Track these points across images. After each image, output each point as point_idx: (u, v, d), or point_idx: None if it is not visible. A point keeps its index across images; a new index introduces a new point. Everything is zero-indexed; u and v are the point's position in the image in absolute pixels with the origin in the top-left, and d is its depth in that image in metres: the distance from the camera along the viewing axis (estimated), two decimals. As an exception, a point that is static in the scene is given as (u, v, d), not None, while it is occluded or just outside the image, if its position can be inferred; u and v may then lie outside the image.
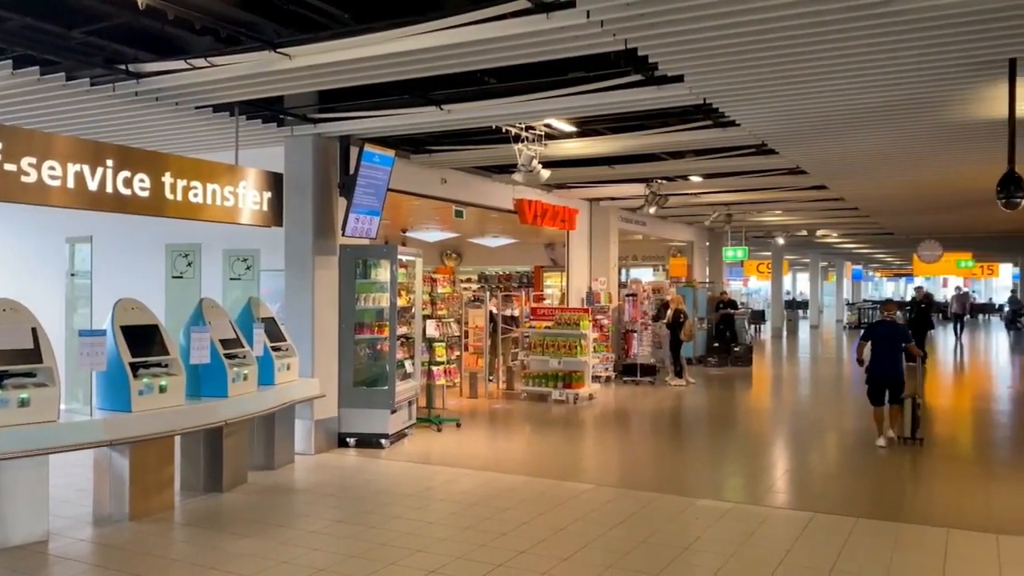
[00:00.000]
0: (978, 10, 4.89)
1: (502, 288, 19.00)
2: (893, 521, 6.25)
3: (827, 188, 13.38)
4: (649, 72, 6.45)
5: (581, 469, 8.50)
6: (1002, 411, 12.63)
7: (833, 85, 6.61)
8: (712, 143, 9.72)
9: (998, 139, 6.44)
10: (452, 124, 8.27)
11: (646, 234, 19.21)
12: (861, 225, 21.13)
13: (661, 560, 5.35)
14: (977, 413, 12.48)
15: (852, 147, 9.45)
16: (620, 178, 12.84)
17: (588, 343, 12.75)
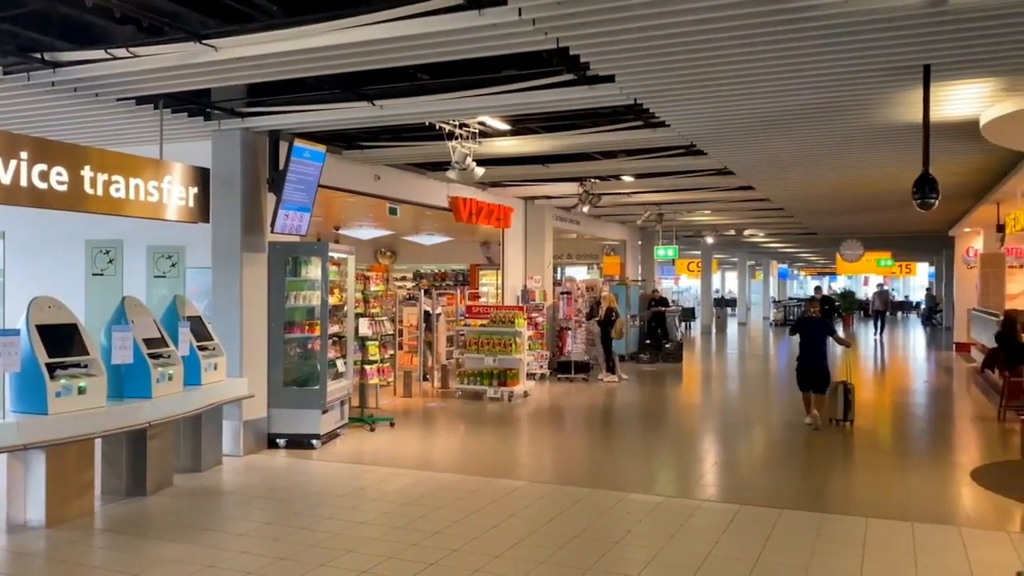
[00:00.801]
0: (894, 17, 5.07)
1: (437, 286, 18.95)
2: (816, 512, 6.45)
3: (754, 189, 13.73)
4: (581, 72, 6.50)
5: (515, 466, 8.52)
6: (919, 403, 13.15)
7: (758, 88, 6.77)
8: (643, 143, 9.86)
9: (914, 142, 6.70)
10: (385, 120, 8.19)
11: (580, 233, 19.40)
12: (786, 225, 21.76)
13: (593, 555, 5.41)
14: (896, 407, 12.97)
15: (777, 149, 9.71)
16: (554, 177, 12.93)
17: (523, 341, 12.80)
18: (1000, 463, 8.16)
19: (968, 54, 5.81)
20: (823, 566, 5.23)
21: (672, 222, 20.22)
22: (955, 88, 6.74)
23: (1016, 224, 11.90)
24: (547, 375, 14.94)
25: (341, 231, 18.07)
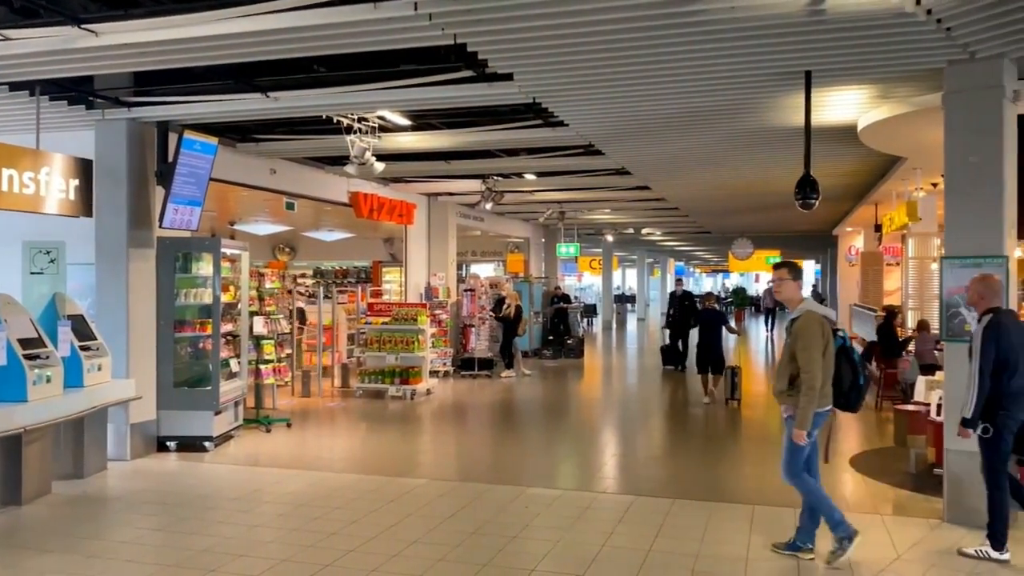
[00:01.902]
0: (777, 24, 5.29)
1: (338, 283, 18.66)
2: (706, 500, 6.67)
3: (650, 188, 14.08)
4: (480, 69, 6.52)
5: (415, 464, 8.47)
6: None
7: (650, 90, 6.95)
8: (544, 142, 9.98)
9: (798, 145, 7.01)
10: (280, 112, 7.99)
11: (485, 230, 19.46)
12: (682, 224, 22.43)
13: (491, 550, 5.44)
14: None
15: (670, 149, 9.98)
16: (457, 174, 12.91)
17: (426, 338, 12.74)
18: (876, 450, 8.64)
19: (846, 61, 6.13)
20: (711, 553, 5.42)
21: (574, 220, 20.52)
22: (834, 94, 7.10)
23: (892, 224, 12.62)
24: (451, 372, 14.93)
25: (236, 226, 17.52)
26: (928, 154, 8.41)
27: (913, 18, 5.08)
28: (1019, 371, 5.11)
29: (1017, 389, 5.12)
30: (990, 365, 5.08)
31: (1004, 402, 5.11)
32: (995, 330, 5.13)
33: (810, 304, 5.24)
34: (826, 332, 5.08)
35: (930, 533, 5.81)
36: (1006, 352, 5.09)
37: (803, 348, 5.05)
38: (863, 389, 5.19)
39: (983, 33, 5.38)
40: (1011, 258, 5.94)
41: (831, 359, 5.10)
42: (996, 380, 5.11)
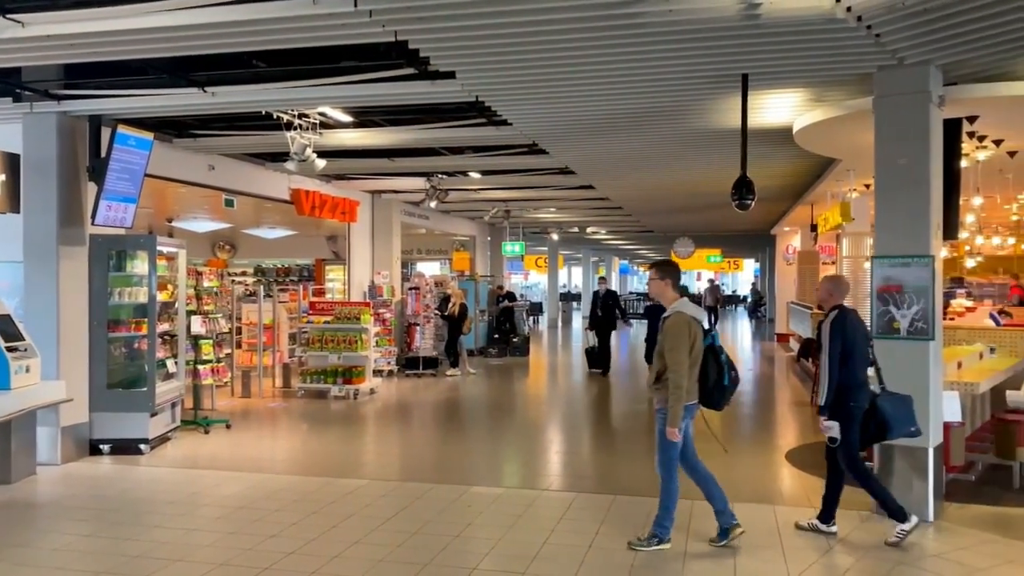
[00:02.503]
0: (714, 27, 5.38)
1: (279, 282, 18.39)
2: (647, 496, 6.72)
3: (594, 188, 14.20)
4: (422, 66, 6.49)
5: (358, 465, 8.40)
6: (743, 391, 14.02)
7: (592, 90, 7.01)
8: (488, 140, 9.98)
9: (736, 146, 7.14)
10: (217, 108, 7.84)
11: (430, 228, 19.38)
12: (625, 223, 22.68)
13: (432, 549, 5.42)
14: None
15: (612, 149, 10.08)
16: (401, 171, 12.84)
17: (369, 337, 12.64)
18: (810, 444, 8.85)
19: (781, 65, 6.27)
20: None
21: (519, 219, 20.59)
22: (771, 97, 7.25)
23: (827, 224, 12.96)
24: (395, 371, 14.84)
25: (175, 224, 17.14)
26: (861, 156, 8.64)
27: (844, 24, 5.22)
28: (860, 363, 5.53)
29: (859, 380, 5.52)
30: (837, 356, 5.44)
31: (852, 392, 5.49)
32: (840, 324, 5.51)
33: (681, 305, 5.41)
34: (693, 332, 5.27)
35: (860, 525, 5.98)
36: (850, 345, 5.47)
37: (670, 348, 5.26)
38: (727, 389, 5.37)
39: (910, 40, 5.56)
40: (937, 257, 6.15)
41: (698, 357, 5.30)
42: (842, 371, 5.45)
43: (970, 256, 13.94)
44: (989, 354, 8.92)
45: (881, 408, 5.50)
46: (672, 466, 5.40)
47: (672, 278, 5.56)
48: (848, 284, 5.95)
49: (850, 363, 5.47)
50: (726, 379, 5.32)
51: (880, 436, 5.59)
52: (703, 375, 5.35)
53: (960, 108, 6.85)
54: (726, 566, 5.15)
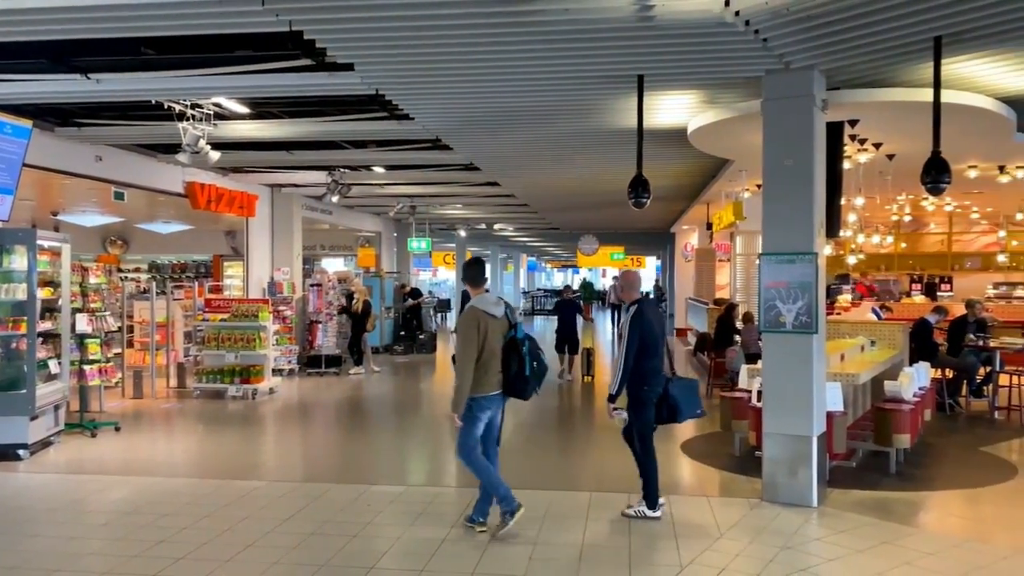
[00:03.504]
0: (610, 28, 5.48)
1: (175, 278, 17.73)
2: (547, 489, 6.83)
3: (499, 185, 14.26)
4: (319, 58, 6.37)
5: (254, 466, 8.17)
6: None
7: (493, 86, 7.03)
8: (391, 134, 9.89)
9: (633, 145, 7.28)
10: (103, 96, 7.50)
11: (333, 223, 19.05)
12: (531, 220, 22.87)
13: (330, 549, 5.34)
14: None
15: (515, 146, 10.14)
16: (301, 165, 12.58)
17: (268, 335, 12.32)
18: (706, 435, 9.15)
19: (675, 67, 6.44)
20: (549, 540, 5.56)
21: (425, 215, 20.47)
22: (666, 97, 7.44)
23: (721, 223, 13.41)
24: (296, 370, 14.52)
25: (61, 217, 16.28)
26: (752, 157, 8.97)
27: (733, 28, 5.40)
28: (655, 353, 5.93)
29: (654, 367, 5.92)
30: (634, 348, 5.81)
31: (647, 379, 5.89)
32: (639, 318, 5.89)
33: (476, 301, 5.62)
34: (483, 326, 5.48)
35: (750, 512, 6.22)
36: (645, 337, 5.86)
37: (459, 341, 5.54)
38: (528, 380, 5.55)
39: (795, 45, 5.80)
40: (820, 255, 6.45)
41: (493, 349, 5.51)
42: (639, 360, 5.83)
43: (852, 253, 14.67)
44: (870, 347, 9.44)
45: (672, 394, 5.94)
46: (469, 452, 5.60)
47: (469, 278, 5.76)
48: (640, 278, 6.38)
49: (648, 353, 5.87)
50: (527, 370, 5.49)
51: (671, 419, 6.02)
52: (505, 366, 5.54)
53: (842, 112, 7.19)
54: (621, 555, 5.25)
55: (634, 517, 5.95)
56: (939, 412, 10.09)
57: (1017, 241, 18.47)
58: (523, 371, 5.51)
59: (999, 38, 5.62)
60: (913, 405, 7.65)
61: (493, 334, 5.51)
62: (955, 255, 19.53)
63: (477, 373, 5.46)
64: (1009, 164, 10.84)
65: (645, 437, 6.01)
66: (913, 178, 6.59)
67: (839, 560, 5.18)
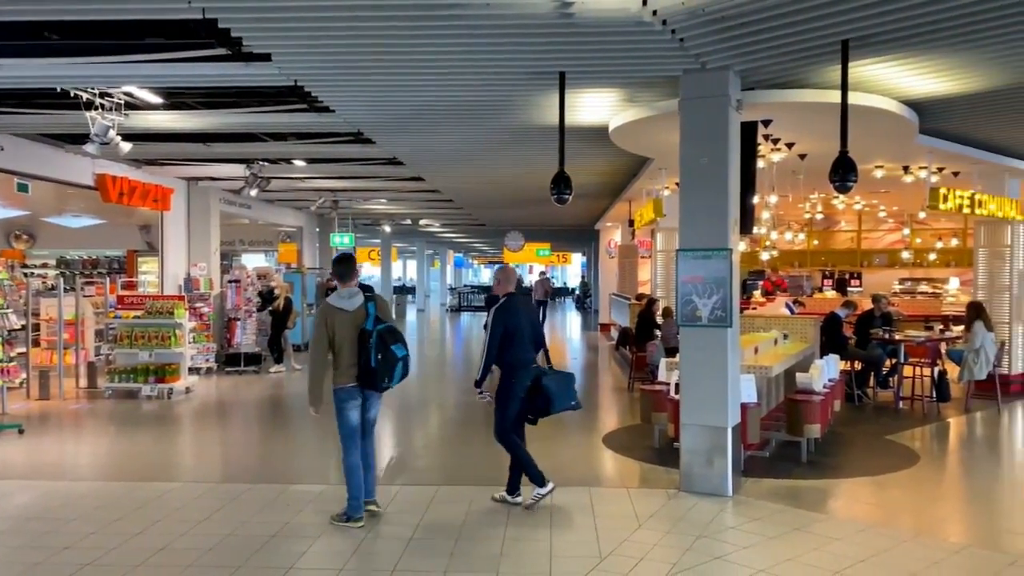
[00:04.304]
0: (531, 24, 5.50)
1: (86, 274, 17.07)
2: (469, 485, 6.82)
3: (424, 180, 14.17)
4: (235, 47, 6.19)
5: (169, 467, 7.92)
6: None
7: (415, 81, 6.98)
8: (311, 127, 9.70)
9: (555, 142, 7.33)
10: (2, 83, 7.12)
11: (253, 218, 18.61)
12: (458, 216, 22.82)
13: (246, 551, 5.21)
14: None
15: (438, 141, 10.10)
16: (218, 157, 12.24)
17: (184, 333, 11.96)
18: (627, 427, 9.31)
19: (595, 65, 6.51)
20: (471, 535, 5.56)
21: (348, 209, 20.20)
22: (587, 95, 7.52)
23: (642, 220, 13.62)
24: (214, 369, 14.14)
25: (-42, 210, 15.44)
26: (671, 155, 9.11)
27: (651, 27, 5.50)
28: (522, 346, 6.11)
29: (520, 360, 6.10)
30: (498, 340, 6.04)
31: (513, 371, 6.09)
32: (505, 311, 6.14)
33: (330, 297, 5.84)
34: (332, 322, 5.67)
35: (668, 502, 6.35)
36: (512, 329, 6.07)
37: (311, 337, 5.78)
38: (375, 371, 5.65)
39: (711, 46, 5.94)
40: (735, 250, 6.62)
41: (343, 343, 5.67)
42: (505, 352, 6.04)
43: (765, 250, 15.12)
44: (783, 340, 9.75)
45: (546, 385, 6.12)
46: (344, 440, 5.81)
47: (337, 273, 5.93)
48: (515, 274, 6.62)
49: (513, 345, 6.07)
50: (372, 362, 5.60)
51: (546, 410, 6.18)
52: (359, 358, 5.67)
53: (756, 112, 7.41)
54: (542, 547, 5.29)
55: (537, 501, 6.12)
56: (848, 402, 10.51)
57: (921, 239, 19.37)
58: (369, 363, 5.61)
59: (902, 43, 5.87)
60: (823, 396, 7.93)
61: (343, 328, 5.65)
62: (864, 252, 20.37)
63: (335, 365, 5.69)
64: (913, 165, 11.35)
65: (506, 431, 6.16)
66: (824, 177, 6.83)
67: (752, 547, 5.34)
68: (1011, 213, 11.39)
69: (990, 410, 10.40)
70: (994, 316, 11.17)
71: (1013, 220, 11.58)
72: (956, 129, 9.25)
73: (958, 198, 10.39)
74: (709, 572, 4.91)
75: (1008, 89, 7.14)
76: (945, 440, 9.11)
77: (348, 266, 5.88)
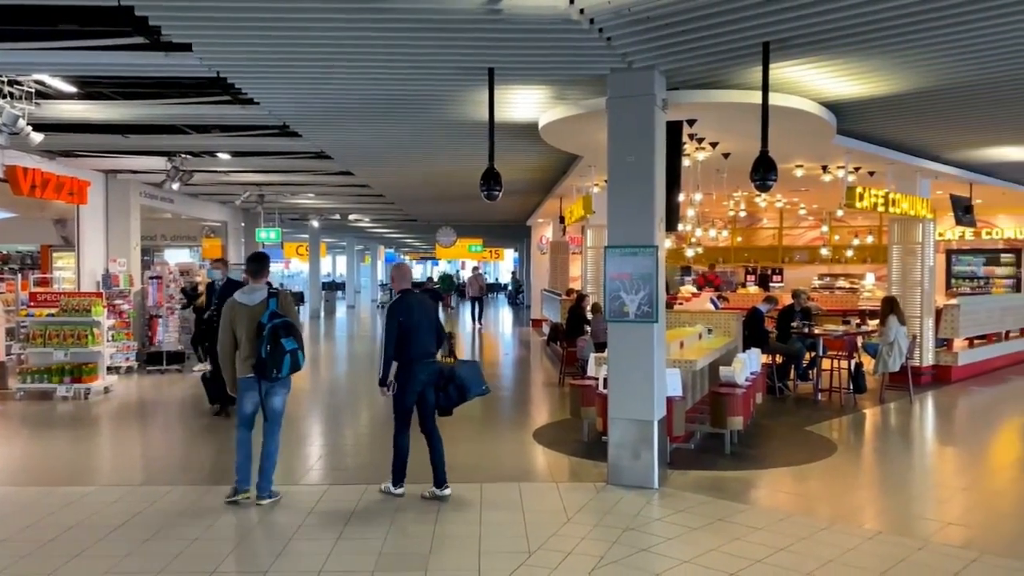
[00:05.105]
0: (460, 19, 5.48)
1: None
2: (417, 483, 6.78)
3: (353, 174, 13.99)
4: (154, 36, 6.00)
5: (86, 471, 7.64)
6: (502, 375, 14.58)
7: (343, 74, 6.88)
8: (235, 120, 9.48)
9: (485, 138, 7.33)
10: (-101, 67, 6.74)
11: (175, 212, 18.09)
12: (388, 211, 22.61)
13: (167, 555, 5.07)
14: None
15: (367, 136, 9.98)
16: (138, 149, 11.84)
17: (102, 331, 11.54)
18: (557, 422, 9.39)
19: (524, 61, 6.53)
20: (399, 534, 5.53)
21: (275, 204, 19.81)
22: (517, 92, 7.53)
23: (572, 216, 13.76)
24: (135, 368, 13.69)
25: None
26: (600, 153, 9.25)
27: (579, 26, 5.54)
28: (417, 341, 6.25)
29: (416, 356, 6.24)
30: (392, 336, 6.18)
31: (409, 366, 6.25)
32: (397, 308, 6.27)
33: (236, 294, 6.24)
34: (234, 316, 6.10)
35: (596, 496, 6.43)
36: (408, 326, 6.21)
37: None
38: (264, 362, 5.99)
39: (637, 45, 6.02)
40: (661, 247, 6.74)
41: (244, 335, 6.06)
42: (402, 348, 6.19)
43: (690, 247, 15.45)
44: (707, 335, 9.97)
45: (459, 375, 6.37)
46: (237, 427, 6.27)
47: (249, 271, 6.36)
48: (410, 271, 6.83)
49: (411, 340, 6.21)
50: (263, 352, 5.95)
51: (461, 398, 6.40)
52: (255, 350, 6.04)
53: (681, 111, 7.55)
54: (470, 543, 5.30)
55: (384, 493, 6.37)
56: (770, 395, 10.83)
57: (839, 236, 20.06)
58: (260, 354, 5.97)
59: (820, 46, 6.06)
60: (746, 389, 8.14)
61: (243, 322, 6.06)
62: (785, 248, 20.99)
63: (239, 357, 6.11)
64: (831, 164, 11.75)
65: (399, 419, 6.36)
66: (746, 176, 7.00)
67: (677, 538, 5.45)
68: (922, 212, 11.90)
69: (903, 401, 10.85)
70: (907, 310, 11.66)
71: (924, 218, 12.10)
72: (871, 130, 9.62)
73: (873, 197, 10.80)
74: (635, 564, 4.99)
75: (918, 92, 7.45)
76: (861, 430, 9.46)
77: (259, 264, 6.32)
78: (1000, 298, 15.60)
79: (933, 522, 5.92)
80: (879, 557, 5.12)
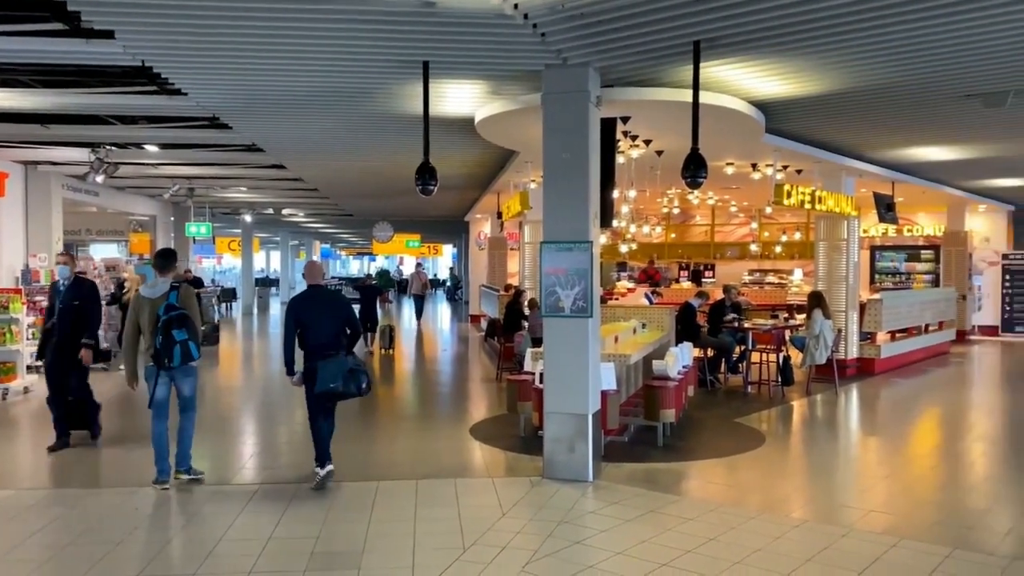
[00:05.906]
0: (394, 12, 5.42)
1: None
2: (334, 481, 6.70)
3: (286, 168, 13.74)
4: (74, 22, 5.78)
5: (3, 474, 7.31)
6: (439, 371, 14.54)
7: (274, 65, 6.73)
8: (162, 111, 9.20)
9: (419, 133, 7.28)
10: None
11: (101, 206, 17.49)
12: (323, 206, 22.29)
13: (88, 560, 4.89)
14: (422, 375, 14.16)
15: (300, 129, 9.80)
16: (59, 140, 11.41)
17: (22, 329, 11.09)
18: (494, 417, 9.40)
19: (459, 56, 6.50)
20: (332, 532, 5.46)
21: (205, 198, 19.33)
22: (452, 86, 7.50)
23: (510, 212, 13.79)
24: (56, 366, 13.17)
25: None
26: (536, 149, 9.23)
27: (513, 21, 5.54)
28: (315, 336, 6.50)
29: (314, 348, 6.50)
30: (292, 328, 6.57)
31: (309, 358, 6.52)
32: (295, 303, 6.65)
33: (140, 288, 6.73)
34: (138, 307, 6.50)
35: (532, 490, 6.46)
36: (306, 320, 6.52)
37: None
38: (159, 351, 6.33)
39: (572, 42, 6.05)
40: (595, 243, 6.80)
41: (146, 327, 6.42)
42: (303, 339, 6.53)
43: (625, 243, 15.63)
44: (641, 329, 10.12)
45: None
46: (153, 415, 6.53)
47: (156, 266, 6.74)
48: (319, 268, 7.17)
49: (308, 336, 6.51)
50: (157, 343, 6.31)
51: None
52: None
53: (615, 109, 7.62)
54: (405, 540, 5.26)
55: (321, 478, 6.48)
56: (701, 388, 11.05)
57: (768, 233, 20.56)
58: (155, 344, 6.32)
59: (749, 45, 6.20)
60: (678, 382, 8.29)
61: (145, 314, 6.41)
62: (717, 244, 21.42)
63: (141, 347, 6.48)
64: (760, 162, 12.03)
65: (310, 409, 6.65)
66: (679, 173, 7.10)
67: (611, 531, 5.52)
68: (847, 209, 12.29)
69: (829, 392, 11.20)
70: (832, 305, 12.03)
71: (849, 216, 12.49)
72: (799, 130, 9.88)
73: (800, 194, 11.10)
74: (569, 557, 5.03)
75: (842, 93, 7.68)
76: (789, 422, 9.73)
77: (166, 260, 6.73)
78: (920, 293, 16.21)
79: (856, 510, 6.12)
80: (805, 545, 5.27)
